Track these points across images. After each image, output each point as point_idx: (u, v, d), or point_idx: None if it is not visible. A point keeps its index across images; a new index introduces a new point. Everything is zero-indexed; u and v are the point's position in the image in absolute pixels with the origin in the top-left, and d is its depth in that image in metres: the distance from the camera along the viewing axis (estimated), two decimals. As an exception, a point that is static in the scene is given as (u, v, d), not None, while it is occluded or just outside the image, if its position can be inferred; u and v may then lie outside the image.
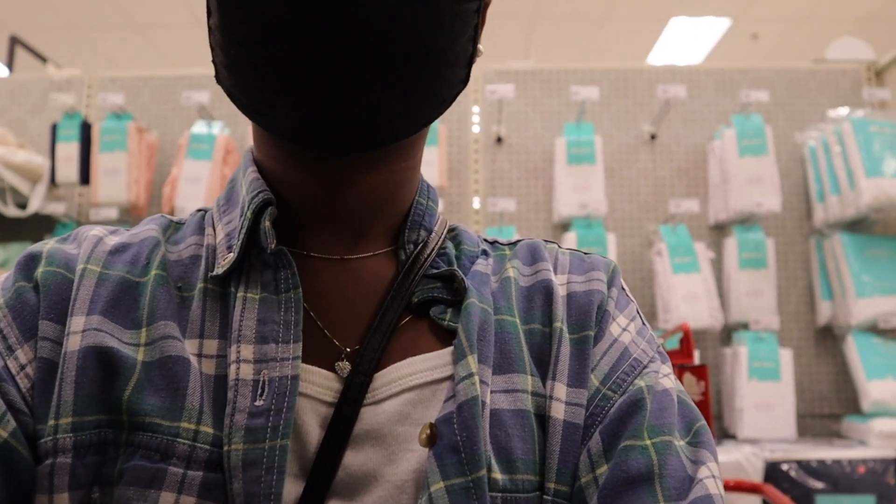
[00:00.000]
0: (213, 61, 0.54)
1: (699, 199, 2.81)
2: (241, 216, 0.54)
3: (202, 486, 0.46)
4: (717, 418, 2.71)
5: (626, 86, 2.98)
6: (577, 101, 2.78)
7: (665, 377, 0.54)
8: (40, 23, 6.37)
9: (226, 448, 0.46)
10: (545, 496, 0.49)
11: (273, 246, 0.51)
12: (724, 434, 2.65)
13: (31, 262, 0.54)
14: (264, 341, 0.49)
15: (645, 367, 0.54)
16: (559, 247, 0.63)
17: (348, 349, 0.52)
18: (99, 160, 2.73)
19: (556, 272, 0.59)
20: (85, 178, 2.76)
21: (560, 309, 0.56)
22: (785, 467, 2.25)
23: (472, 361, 0.50)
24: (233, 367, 0.48)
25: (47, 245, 0.56)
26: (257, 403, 0.47)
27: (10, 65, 3.46)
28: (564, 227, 2.78)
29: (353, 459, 0.49)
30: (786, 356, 2.57)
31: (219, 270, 0.52)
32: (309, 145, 0.50)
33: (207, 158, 2.72)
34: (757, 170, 2.66)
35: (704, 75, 2.99)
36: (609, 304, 0.57)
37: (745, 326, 2.65)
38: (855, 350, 2.56)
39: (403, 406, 0.51)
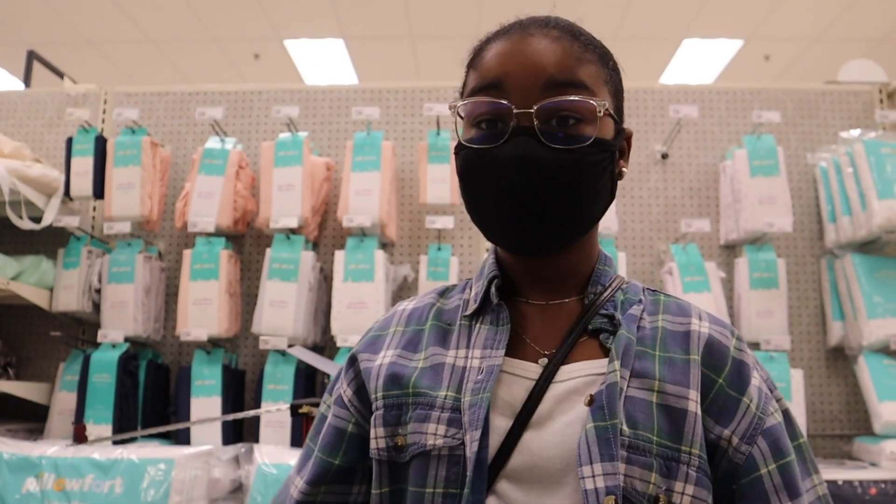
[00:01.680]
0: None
1: (710, 218, 2.81)
2: (483, 284, 0.93)
3: (449, 419, 0.83)
4: (728, 439, 2.69)
5: (638, 105, 2.99)
6: (589, 120, 2.79)
7: (777, 412, 0.88)
8: (57, 38, 6.45)
9: (462, 399, 0.83)
10: (683, 455, 0.80)
11: (496, 301, 0.91)
12: (735, 455, 2.63)
13: (364, 334, 1.01)
14: (486, 348, 0.87)
15: (770, 401, 0.88)
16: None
17: (546, 352, 0.87)
18: (113, 174, 2.76)
19: (699, 319, 0.90)
20: (99, 192, 2.79)
21: (695, 345, 0.87)
22: (796, 489, 2.23)
23: (617, 365, 0.82)
24: (469, 361, 0.87)
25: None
26: (478, 377, 0.84)
27: (27, 79, 3.51)
28: (575, 245, 2.78)
29: (542, 409, 0.83)
30: (797, 376, 2.55)
31: (467, 312, 0.93)
32: (520, 254, 0.91)
33: (220, 174, 2.75)
34: (768, 190, 2.66)
35: (716, 95, 2.99)
36: (742, 356, 0.88)
37: (755, 346, 2.64)
38: (866, 371, 2.54)
39: (576, 385, 0.84)
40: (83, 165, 2.79)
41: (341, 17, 6.16)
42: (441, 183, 2.72)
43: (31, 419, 2.83)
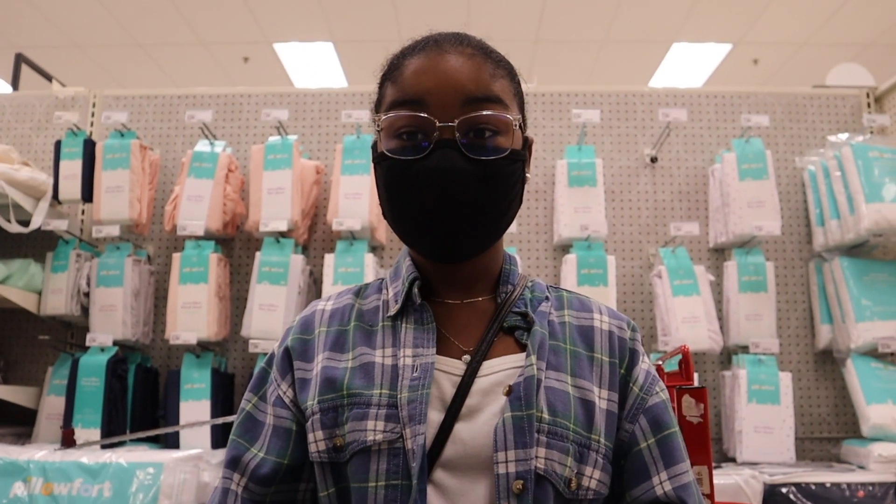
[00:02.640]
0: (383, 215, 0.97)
1: (699, 222, 2.83)
2: (403, 285, 0.98)
3: (386, 415, 0.87)
4: (717, 441, 2.70)
5: (627, 109, 3.00)
6: (579, 124, 2.80)
7: (663, 391, 0.97)
8: (45, 41, 6.42)
9: (399, 395, 0.87)
10: (593, 443, 0.88)
11: (418, 302, 0.96)
12: (724, 457, 2.64)
13: (286, 332, 1.02)
14: (416, 346, 0.92)
15: (656, 383, 0.96)
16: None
17: (468, 349, 0.93)
18: (102, 178, 2.75)
19: (600, 314, 0.99)
20: (88, 195, 2.77)
21: (598, 341, 0.96)
22: (784, 490, 2.24)
23: (533, 359, 0.89)
24: (401, 360, 0.91)
25: (295, 322, 1.03)
26: (414, 375, 0.89)
27: (15, 82, 3.49)
28: (565, 248, 2.79)
29: (469, 402, 0.88)
30: (785, 379, 2.57)
31: (391, 313, 0.97)
32: (435, 261, 0.96)
33: (210, 177, 2.74)
34: (757, 193, 2.68)
35: (705, 99, 3.01)
36: (635, 345, 0.98)
37: (744, 349, 2.65)
38: (854, 374, 2.55)
39: (500, 378, 0.90)
40: (72, 169, 2.77)
41: (331, 20, 6.16)
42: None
43: (18, 423, 2.81)
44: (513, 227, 2.66)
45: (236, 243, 2.95)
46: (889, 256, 2.78)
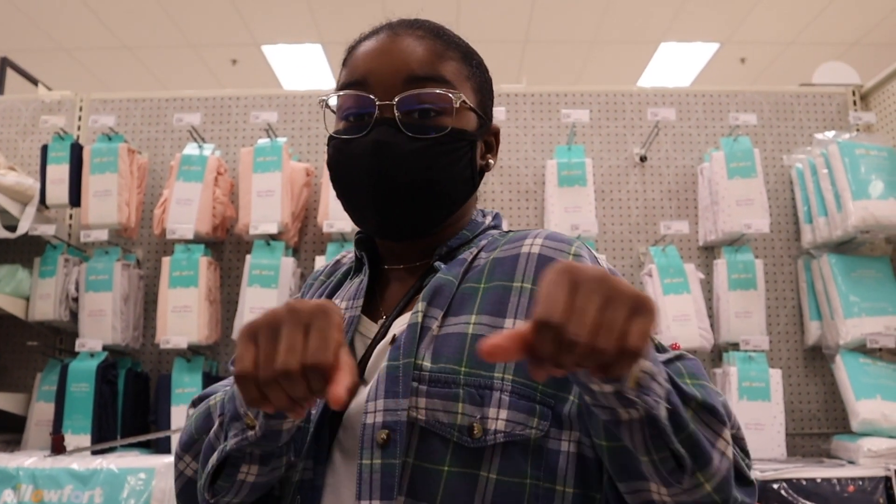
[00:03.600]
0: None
1: (689, 220, 2.83)
2: (356, 255, 1.02)
3: None
4: (709, 439, 2.71)
5: (616, 108, 3.01)
6: (568, 124, 2.81)
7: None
8: (31, 45, 6.38)
9: None
10: (496, 381, 0.80)
11: (364, 263, 0.99)
12: (716, 455, 2.65)
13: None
14: (349, 299, 0.95)
15: None
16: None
17: (385, 315, 0.92)
18: (90, 182, 2.73)
19: (534, 239, 0.90)
20: (75, 199, 2.76)
21: (522, 269, 0.87)
22: (776, 486, 2.25)
23: (421, 307, 0.86)
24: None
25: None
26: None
27: (0, 87, 3.46)
28: (555, 248, 2.79)
29: (371, 363, 0.87)
30: (775, 376, 2.58)
31: (339, 274, 1.03)
32: (382, 239, 0.98)
33: (199, 180, 2.73)
34: (746, 191, 2.69)
35: (693, 98, 3.02)
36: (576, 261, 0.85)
37: (734, 347, 2.66)
38: (844, 370, 2.57)
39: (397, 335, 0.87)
40: (59, 173, 2.76)
41: (319, 22, 6.15)
42: (421, 187, 2.72)
43: (7, 430, 2.79)
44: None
45: (226, 246, 2.94)
46: (876, 253, 2.79)
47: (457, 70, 0.93)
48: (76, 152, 2.78)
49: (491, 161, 0.99)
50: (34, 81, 3.48)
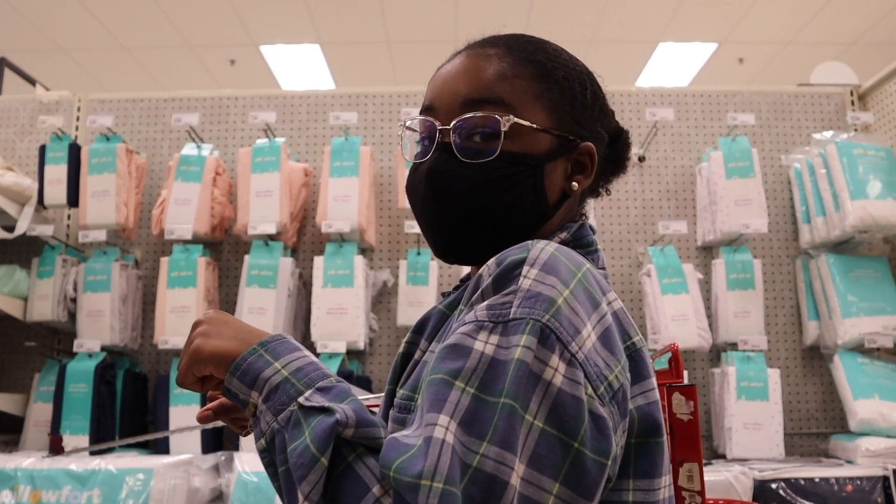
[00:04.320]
0: None
1: (687, 220, 2.84)
2: None
3: None
4: (707, 438, 2.71)
5: (614, 108, 2.99)
6: (566, 124, 2.80)
7: (483, 332, 0.72)
8: (29, 45, 6.37)
9: None
10: (413, 405, 0.78)
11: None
12: (714, 454, 2.65)
13: None
14: None
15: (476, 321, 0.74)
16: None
17: None
18: (88, 182, 2.73)
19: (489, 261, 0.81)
20: (74, 200, 2.75)
21: (468, 292, 0.80)
22: (774, 486, 2.25)
23: (418, 339, 0.87)
24: None
25: None
26: None
27: (-1, 87, 3.46)
28: (553, 248, 2.79)
29: None
30: (774, 376, 2.58)
31: None
32: (442, 261, 0.94)
33: (197, 180, 2.73)
34: (744, 191, 2.69)
35: (692, 98, 3.02)
36: (489, 279, 0.76)
37: (733, 346, 2.67)
38: (842, 369, 2.57)
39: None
40: (57, 173, 2.76)
41: (317, 22, 6.15)
42: (419, 187, 2.72)
43: (5, 431, 2.79)
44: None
45: (225, 247, 2.93)
46: (874, 252, 2.80)
47: (522, 88, 0.88)
48: (74, 152, 2.78)
49: (575, 184, 0.92)
50: (32, 82, 3.48)
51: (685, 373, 2.69)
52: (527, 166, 0.87)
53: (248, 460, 2.38)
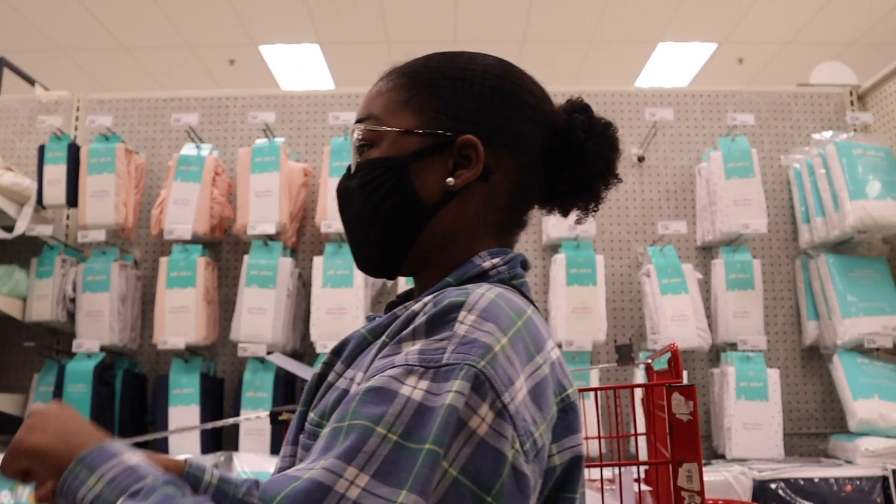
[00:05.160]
0: None
1: (686, 220, 2.84)
2: None
3: None
4: (706, 438, 2.71)
5: (614, 109, 3.01)
6: (565, 124, 2.80)
7: (400, 377, 0.68)
8: (28, 45, 6.37)
9: None
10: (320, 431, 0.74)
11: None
12: (713, 454, 2.65)
13: None
14: None
15: (395, 366, 0.70)
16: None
17: None
18: (87, 182, 2.73)
19: (425, 299, 0.78)
20: (73, 200, 2.75)
21: (394, 325, 0.78)
22: (773, 486, 2.25)
23: (326, 357, 0.86)
24: None
25: None
26: None
27: (-2, 87, 3.46)
28: (554, 248, 2.79)
29: None
30: (773, 376, 2.58)
31: None
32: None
33: (196, 180, 2.73)
34: (743, 192, 2.69)
35: (691, 98, 3.02)
36: (423, 318, 0.74)
37: (732, 346, 2.67)
38: (841, 370, 2.57)
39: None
40: (56, 173, 2.75)
41: (317, 22, 6.15)
42: (419, 188, 2.73)
43: (4, 431, 2.78)
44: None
45: (224, 247, 2.93)
46: (874, 253, 2.80)
47: (392, 100, 0.92)
48: (73, 153, 2.78)
49: (456, 178, 0.87)
50: (31, 81, 3.48)
51: (685, 373, 2.69)
52: (387, 168, 0.88)
53: (247, 461, 2.38)
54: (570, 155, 0.94)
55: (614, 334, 2.79)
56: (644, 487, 1.40)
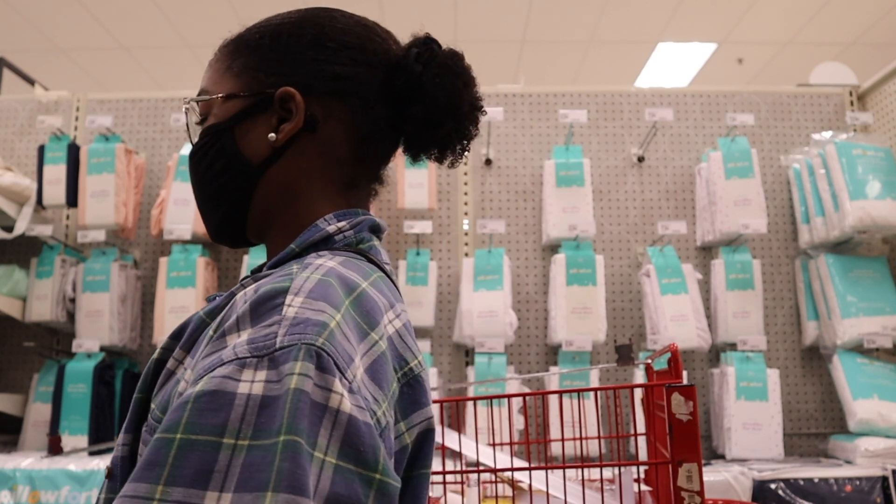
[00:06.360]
0: None
1: (686, 220, 2.84)
2: None
3: None
4: (706, 438, 2.71)
5: (613, 109, 3.01)
6: (566, 124, 2.81)
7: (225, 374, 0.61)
8: (28, 45, 6.37)
9: None
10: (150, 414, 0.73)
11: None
12: (713, 454, 2.65)
13: None
14: None
15: (217, 365, 0.62)
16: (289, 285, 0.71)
17: None
18: (87, 182, 2.73)
19: (255, 284, 0.74)
20: (72, 200, 2.75)
21: (223, 312, 0.73)
22: (773, 486, 2.25)
23: (163, 342, 0.80)
24: None
25: None
26: None
27: (-2, 87, 3.46)
28: (553, 248, 2.79)
29: None
30: (773, 376, 2.58)
31: None
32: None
33: (196, 180, 2.72)
34: (743, 192, 2.69)
35: (691, 99, 3.02)
36: (244, 306, 0.68)
37: (732, 347, 2.67)
38: (841, 370, 2.57)
39: None
40: (56, 173, 2.75)
41: (317, 22, 6.15)
42: (419, 188, 2.72)
43: (4, 431, 2.78)
44: (500, 228, 2.66)
45: (224, 247, 2.93)
46: (873, 253, 2.80)
47: (216, 71, 0.92)
48: (73, 153, 2.78)
49: (278, 133, 0.84)
50: (31, 82, 3.48)
51: (684, 373, 2.70)
52: (211, 135, 0.89)
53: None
54: (409, 91, 0.86)
55: (614, 334, 2.79)
56: (644, 487, 1.40)
